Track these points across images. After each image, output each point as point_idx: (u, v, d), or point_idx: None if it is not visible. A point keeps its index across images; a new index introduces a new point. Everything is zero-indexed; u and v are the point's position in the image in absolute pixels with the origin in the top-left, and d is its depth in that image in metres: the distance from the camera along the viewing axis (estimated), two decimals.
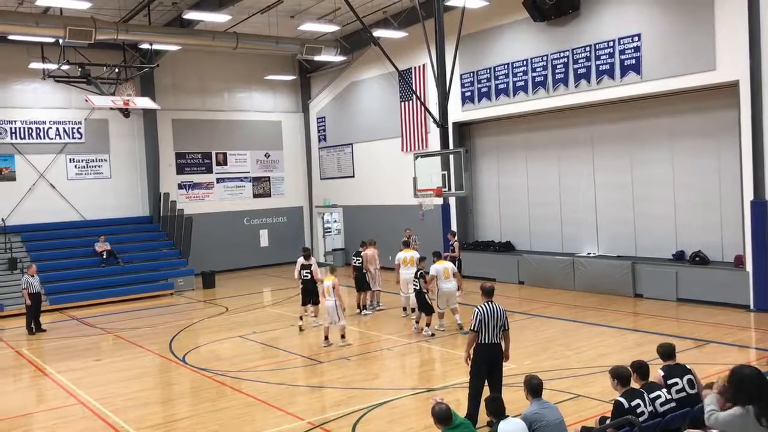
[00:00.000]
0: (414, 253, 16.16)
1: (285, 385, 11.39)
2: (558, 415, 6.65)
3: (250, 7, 20.55)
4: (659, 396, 6.73)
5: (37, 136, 23.75)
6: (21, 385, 12.86)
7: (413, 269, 15.16)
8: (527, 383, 6.82)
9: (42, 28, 17.85)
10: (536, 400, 6.71)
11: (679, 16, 16.16)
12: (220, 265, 25.46)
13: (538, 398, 6.73)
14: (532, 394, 6.76)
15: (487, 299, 8.94)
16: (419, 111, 23.05)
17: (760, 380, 5.09)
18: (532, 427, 6.44)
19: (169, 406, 10.93)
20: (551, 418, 6.54)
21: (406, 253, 16.24)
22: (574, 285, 18.73)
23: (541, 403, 6.70)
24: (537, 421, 6.47)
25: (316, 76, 28.97)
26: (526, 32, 19.64)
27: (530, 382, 6.80)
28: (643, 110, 17.88)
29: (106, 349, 15.30)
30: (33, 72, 22.52)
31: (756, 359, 11.41)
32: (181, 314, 18.97)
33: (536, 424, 6.46)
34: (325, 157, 28.69)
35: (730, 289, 15.59)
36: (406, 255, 16.18)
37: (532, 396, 6.75)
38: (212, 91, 27.40)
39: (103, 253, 22.61)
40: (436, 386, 10.82)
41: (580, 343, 13.06)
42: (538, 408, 6.62)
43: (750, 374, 5.13)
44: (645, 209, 18.05)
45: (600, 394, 9.29)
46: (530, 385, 6.78)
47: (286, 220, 28.98)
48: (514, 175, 21.52)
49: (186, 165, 26.78)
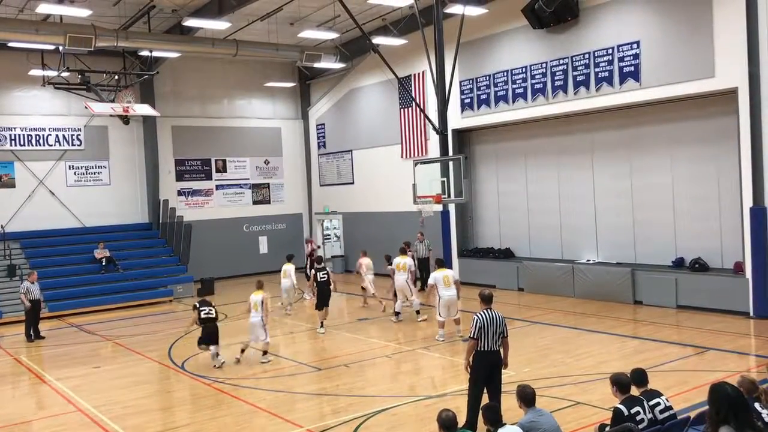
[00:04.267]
0: (408, 260, 16.69)
1: (284, 392, 11.37)
2: (553, 423, 6.64)
3: (250, 15, 20.59)
4: (659, 403, 6.73)
5: (36, 143, 23.76)
6: (20, 393, 12.82)
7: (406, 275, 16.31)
8: (520, 393, 6.74)
9: (42, 35, 17.90)
10: (531, 409, 6.66)
11: (677, 24, 16.20)
12: (219, 272, 25.44)
13: (532, 407, 6.69)
14: (526, 404, 6.69)
15: (487, 306, 8.91)
16: (419, 118, 23.08)
17: (738, 398, 5.04)
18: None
19: (168, 413, 10.90)
20: (547, 426, 6.51)
21: (401, 259, 16.59)
22: (574, 292, 18.72)
23: (536, 411, 6.67)
24: (534, 429, 6.45)
25: (316, 83, 29.03)
26: (525, 39, 19.69)
27: (523, 391, 6.73)
28: (642, 117, 17.90)
29: (105, 356, 15.27)
30: (33, 79, 22.54)
31: (756, 366, 11.39)
32: (181, 321, 18.91)
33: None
34: (324, 163, 28.72)
35: (730, 295, 15.58)
36: (400, 261, 16.62)
37: (526, 405, 6.69)
38: (212, 98, 27.44)
39: (102, 260, 22.58)
40: (435, 394, 10.80)
41: (580, 350, 13.04)
42: (533, 416, 6.59)
43: (727, 392, 5.07)
44: (644, 216, 18.06)
45: (600, 401, 9.28)
46: (523, 394, 6.71)
47: (286, 226, 28.97)
48: (514, 181, 21.53)
49: (185, 172, 26.79)
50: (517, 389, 6.85)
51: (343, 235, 28.06)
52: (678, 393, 9.62)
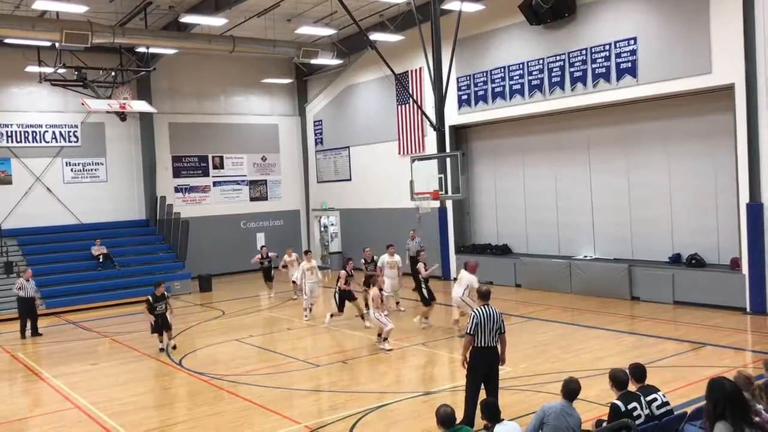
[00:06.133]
0: (397, 258, 17.22)
1: (282, 388, 11.37)
2: (575, 425, 6.50)
3: (247, 11, 20.56)
4: (656, 399, 6.74)
5: (33, 140, 23.71)
6: (16, 390, 12.81)
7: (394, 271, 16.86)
8: (564, 384, 6.71)
9: (38, 31, 17.85)
10: (564, 402, 6.60)
11: (674, 20, 16.21)
12: (216, 269, 25.41)
13: (567, 401, 6.61)
14: (564, 396, 6.66)
15: (484, 302, 8.94)
16: (416, 114, 23.06)
17: (735, 393, 5.05)
18: (543, 420, 6.43)
19: (165, 410, 10.89)
20: (564, 423, 6.42)
21: (390, 257, 17.15)
22: (571, 288, 18.74)
23: (565, 406, 6.57)
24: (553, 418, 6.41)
25: (313, 79, 28.99)
26: (522, 36, 19.68)
27: (567, 385, 6.68)
28: (639, 113, 17.91)
29: (102, 353, 15.25)
30: (29, 75, 22.47)
31: (752, 362, 11.42)
32: (178, 318, 18.90)
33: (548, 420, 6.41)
34: (321, 160, 28.70)
35: (726, 291, 15.61)
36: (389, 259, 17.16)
37: (563, 397, 6.66)
38: (209, 95, 27.40)
39: (99, 257, 22.57)
40: (433, 389, 10.81)
41: (577, 346, 13.06)
42: (560, 407, 6.52)
43: (725, 387, 5.08)
44: (641, 212, 18.08)
45: (597, 397, 9.30)
46: (566, 387, 6.67)
47: (283, 223, 28.96)
48: (511, 178, 21.54)
49: (182, 168, 26.76)
50: (564, 380, 6.77)
51: (340, 231, 28.06)
52: (675, 388, 9.64)
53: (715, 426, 4.98)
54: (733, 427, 4.89)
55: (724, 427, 4.91)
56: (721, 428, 4.94)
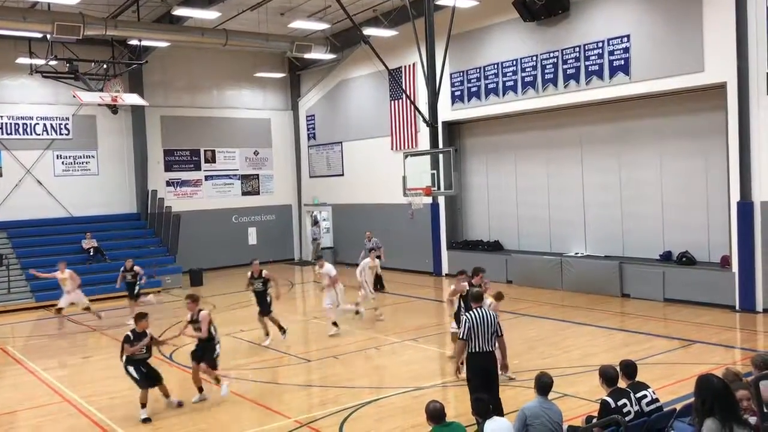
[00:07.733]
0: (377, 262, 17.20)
1: (272, 383, 11.37)
2: (557, 418, 6.56)
3: (240, 4, 20.47)
4: (645, 395, 6.77)
5: (24, 132, 23.56)
6: (6, 383, 12.72)
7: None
8: (535, 379, 6.74)
9: (29, 23, 17.70)
10: (540, 398, 6.65)
11: (667, 18, 16.24)
12: (207, 263, 25.37)
13: (542, 396, 6.65)
14: (537, 391, 6.70)
15: (476, 305, 8.43)
16: (409, 110, 23.04)
17: (724, 390, 5.07)
18: (526, 422, 6.46)
19: (156, 404, 10.85)
20: (545, 419, 6.47)
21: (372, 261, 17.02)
22: (562, 284, 18.80)
23: (543, 401, 6.63)
24: (533, 417, 6.46)
25: (306, 73, 28.91)
26: (516, 32, 19.68)
27: (538, 378, 6.72)
28: (632, 111, 17.96)
29: (92, 346, 15.20)
30: (20, 67, 22.32)
31: (741, 359, 11.50)
32: (168, 312, 18.86)
33: (531, 420, 6.46)
34: (314, 155, 28.64)
35: (716, 289, 15.70)
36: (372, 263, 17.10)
37: (537, 392, 6.70)
38: (201, 88, 27.29)
39: (89, 250, 22.47)
40: (423, 385, 10.82)
41: (568, 343, 13.11)
42: (538, 404, 6.57)
43: (713, 384, 5.10)
44: (633, 209, 18.15)
45: (587, 393, 9.33)
46: (537, 381, 6.72)
47: (275, 218, 28.91)
48: (503, 174, 21.57)
49: (174, 162, 26.65)
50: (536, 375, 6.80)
51: (332, 227, 28.03)
52: (664, 385, 9.69)
53: (704, 423, 5.00)
54: (722, 423, 4.90)
55: (713, 424, 4.93)
56: (709, 425, 4.96)
